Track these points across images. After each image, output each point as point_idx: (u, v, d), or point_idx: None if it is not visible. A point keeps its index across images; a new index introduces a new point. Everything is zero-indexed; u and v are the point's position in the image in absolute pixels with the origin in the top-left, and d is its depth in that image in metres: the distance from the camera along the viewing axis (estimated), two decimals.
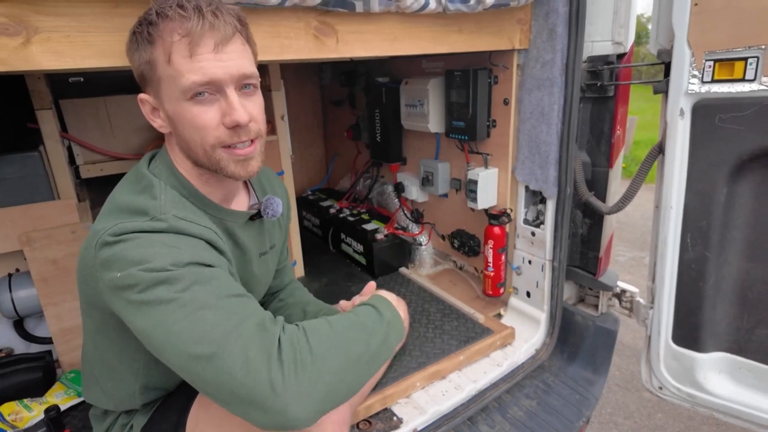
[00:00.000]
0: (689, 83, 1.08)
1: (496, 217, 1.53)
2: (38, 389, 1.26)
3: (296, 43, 0.98)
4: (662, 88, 1.14)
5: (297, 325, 0.71)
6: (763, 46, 0.97)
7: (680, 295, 1.21)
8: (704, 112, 1.07)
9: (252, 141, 0.81)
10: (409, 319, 0.94)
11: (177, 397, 0.90)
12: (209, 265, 0.70)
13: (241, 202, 0.95)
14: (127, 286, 0.66)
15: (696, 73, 1.06)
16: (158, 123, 0.79)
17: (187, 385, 0.78)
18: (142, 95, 0.79)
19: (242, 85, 0.77)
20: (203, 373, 0.63)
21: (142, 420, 0.90)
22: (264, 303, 1.25)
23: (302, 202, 2.42)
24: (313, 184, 2.67)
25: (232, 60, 0.74)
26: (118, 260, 0.67)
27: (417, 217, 2.02)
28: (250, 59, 0.80)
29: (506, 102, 1.47)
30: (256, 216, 0.95)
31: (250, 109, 0.78)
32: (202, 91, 0.73)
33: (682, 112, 1.10)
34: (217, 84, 0.73)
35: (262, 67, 1.67)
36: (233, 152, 0.79)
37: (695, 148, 1.11)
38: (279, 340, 0.65)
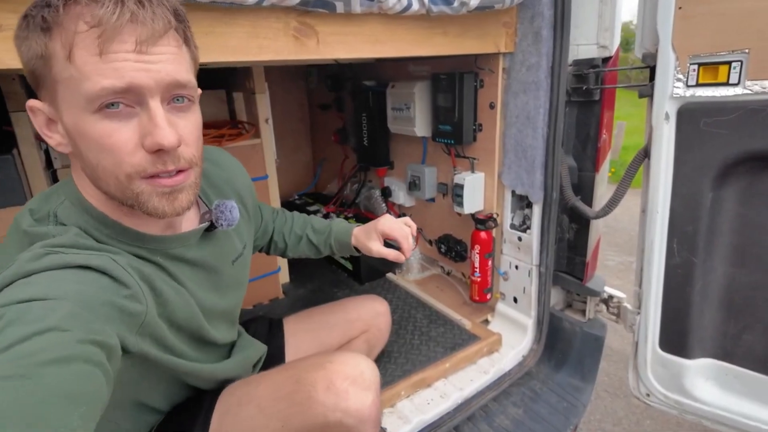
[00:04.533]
0: (674, 87, 1.07)
1: (483, 221, 1.51)
2: None
3: (275, 43, 0.95)
4: (647, 92, 1.13)
5: None
6: (747, 50, 0.96)
7: (667, 300, 1.20)
8: (689, 116, 1.07)
9: (181, 171, 0.63)
10: None
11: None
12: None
13: (190, 217, 0.79)
14: None
15: (681, 76, 1.06)
16: (56, 140, 0.61)
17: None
18: (32, 102, 0.60)
19: (173, 97, 0.60)
20: None
21: None
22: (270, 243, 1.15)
23: (289, 207, 2.37)
24: (301, 188, 2.64)
25: (161, 63, 0.57)
26: None
27: None
28: (187, 65, 0.63)
29: (492, 106, 1.45)
30: (211, 227, 0.79)
31: (181, 128, 0.61)
32: (116, 101, 0.56)
33: (667, 116, 1.09)
34: (137, 92, 0.56)
35: (247, 70, 1.64)
36: (156, 182, 0.61)
37: (680, 152, 1.10)
38: None
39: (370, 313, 1.26)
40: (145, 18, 0.55)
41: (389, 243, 1.12)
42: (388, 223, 1.10)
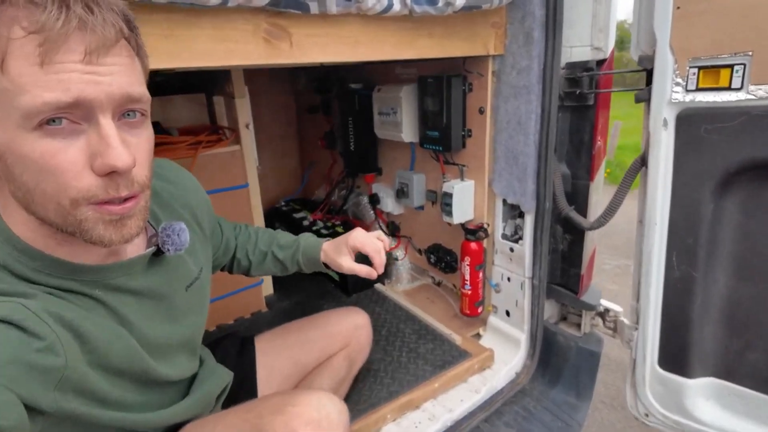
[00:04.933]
0: (673, 91, 1.01)
1: (473, 232, 1.45)
2: None
3: (244, 47, 0.88)
4: (644, 97, 1.07)
5: None
6: (750, 53, 0.90)
7: (666, 316, 1.14)
8: (689, 122, 1.00)
9: (131, 198, 0.56)
10: None
11: None
12: None
13: (136, 242, 0.71)
14: None
15: (679, 80, 0.99)
16: None
17: None
18: None
19: (124, 112, 0.54)
20: None
21: None
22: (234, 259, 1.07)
23: (275, 213, 2.32)
24: (288, 194, 2.56)
25: (113, 75, 0.51)
26: None
27: (393, 230, 1.93)
28: (140, 77, 0.57)
29: (482, 111, 1.38)
30: (159, 252, 0.71)
31: (134, 147, 0.55)
32: (59, 116, 0.49)
33: (665, 123, 1.03)
34: (86, 108, 0.50)
35: (225, 73, 1.57)
36: (104, 209, 0.54)
37: (680, 160, 1.04)
38: None
39: (350, 327, 1.19)
40: (95, 25, 0.49)
41: (361, 258, 1.04)
42: (359, 237, 1.03)
